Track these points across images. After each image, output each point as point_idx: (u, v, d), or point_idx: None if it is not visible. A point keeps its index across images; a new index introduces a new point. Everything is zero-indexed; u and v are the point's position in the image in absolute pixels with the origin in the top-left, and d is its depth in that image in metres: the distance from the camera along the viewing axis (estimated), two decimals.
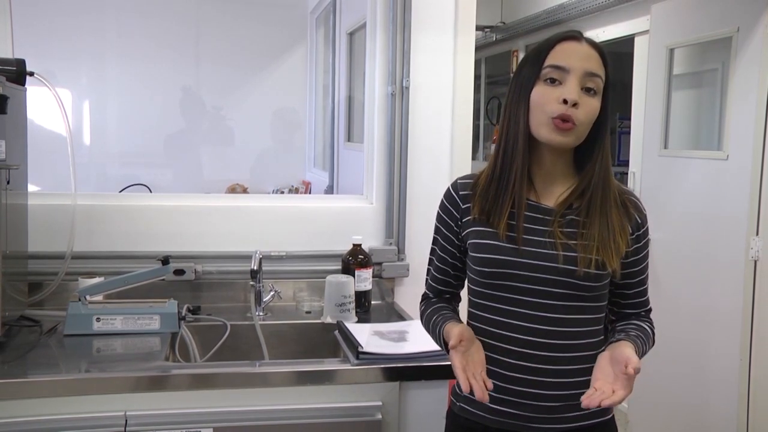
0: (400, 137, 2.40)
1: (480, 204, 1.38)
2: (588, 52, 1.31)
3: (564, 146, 1.33)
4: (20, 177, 1.95)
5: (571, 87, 1.28)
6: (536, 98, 1.31)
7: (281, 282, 2.30)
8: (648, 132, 3.38)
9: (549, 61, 1.31)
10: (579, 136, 1.32)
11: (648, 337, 1.39)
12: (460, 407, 1.43)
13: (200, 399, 1.66)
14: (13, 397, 1.58)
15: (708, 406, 2.96)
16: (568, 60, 1.30)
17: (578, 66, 1.29)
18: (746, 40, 2.76)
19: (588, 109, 1.30)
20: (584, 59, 1.30)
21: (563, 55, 1.31)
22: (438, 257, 1.49)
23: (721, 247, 2.90)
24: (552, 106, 1.29)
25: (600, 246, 1.31)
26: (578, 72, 1.29)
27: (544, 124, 1.30)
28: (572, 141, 1.32)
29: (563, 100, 1.28)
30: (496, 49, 5.16)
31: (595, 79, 1.30)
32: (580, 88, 1.29)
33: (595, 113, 1.31)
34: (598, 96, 1.32)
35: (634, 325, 1.40)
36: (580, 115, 1.28)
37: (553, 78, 1.30)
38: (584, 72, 1.29)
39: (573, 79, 1.29)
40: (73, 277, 2.13)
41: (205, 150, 4.28)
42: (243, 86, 4.24)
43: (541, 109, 1.30)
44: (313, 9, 4.28)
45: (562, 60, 1.30)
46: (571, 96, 1.27)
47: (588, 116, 1.30)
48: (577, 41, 1.32)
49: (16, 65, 1.92)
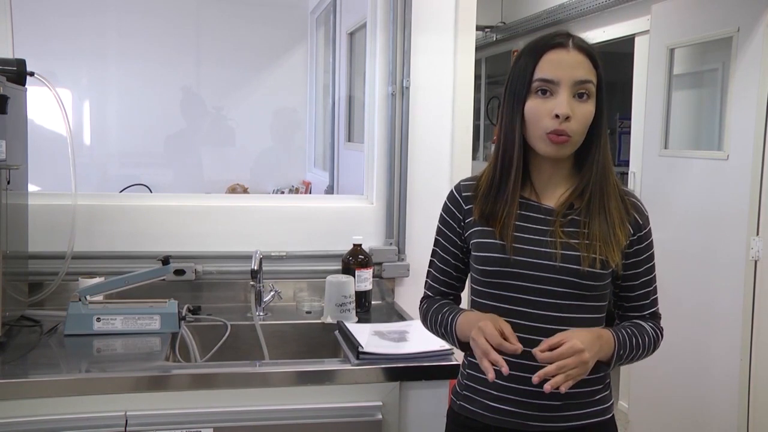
0: (400, 137, 2.40)
1: (480, 207, 1.39)
2: (575, 60, 1.30)
3: (561, 157, 1.34)
4: (21, 177, 1.95)
5: (561, 100, 1.28)
6: (530, 112, 1.32)
7: (281, 282, 2.30)
8: (648, 132, 3.38)
9: (538, 74, 1.31)
10: (575, 144, 1.32)
11: (644, 334, 1.38)
12: (460, 406, 1.43)
13: (200, 399, 1.66)
14: (14, 397, 1.58)
15: (708, 406, 2.96)
16: (556, 72, 1.29)
17: (567, 77, 1.29)
18: (746, 40, 2.75)
19: (581, 117, 1.30)
20: (572, 68, 1.30)
21: (551, 67, 1.30)
22: (440, 258, 1.49)
23: (721, 247, 2.90)
24: (545, 122, 1.29)
25: (602, 244, 1.32)
26: (567, 83, 1.29)
27: (540, 138, 1.31)
28: (569, 151, 1.33)
29: (555, 115, 1.28)
30: (497, 49, 5.16)
31: (586, 85, 1.30)
32: (571, 97, 1.29)
33: (589, 118, 1.31)
34: (591, 99, 1.31)
35: (631, 323, 1.41)
36: (573, 126, 1.29)
37: (544, 90, 1.30)
38: (573, 82, 1.29)
39: (563, 91, 1.29)
40: (74, 277, 2.13)
41: (205, 150, 4.28)
42: (243, 86, 4.24)
43: (536, 124, 1.31)
44: (314, 9, 4.28)
45: (549, 73, 1.30)
46: (562, 110, 1.28)
47: (582, 124, 1.30)
48: (564, 49, 1.31)
49: (17, 65, 1.92)
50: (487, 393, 1.38)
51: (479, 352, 1.26)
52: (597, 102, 1.32)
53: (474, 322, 1.31)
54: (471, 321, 1.33)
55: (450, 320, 1.40)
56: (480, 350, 1.26)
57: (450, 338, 1.42)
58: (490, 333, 1.24)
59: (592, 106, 1.31)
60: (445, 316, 1.42)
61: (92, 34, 4.00)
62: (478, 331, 1.27)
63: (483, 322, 1.27)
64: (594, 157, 1.34)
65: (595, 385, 1.37)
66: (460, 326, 1.37)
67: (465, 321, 1.37)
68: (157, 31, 4.06)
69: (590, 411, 1.37)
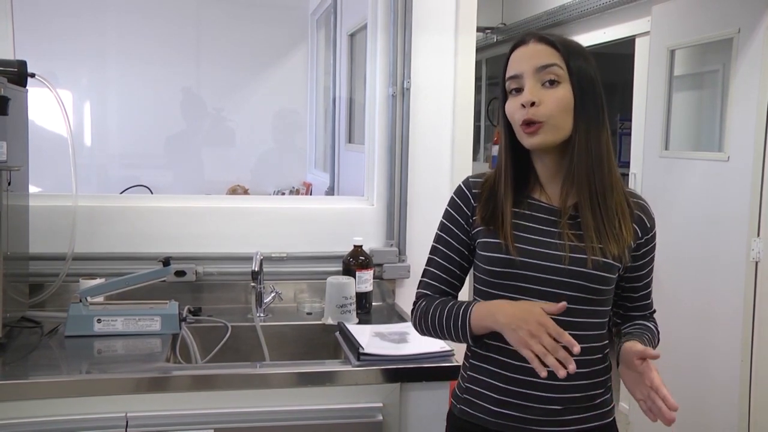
0: (400, 139, 2.41)
1: (482, 210, 1.38)
2: (534, 49, 1.32)
3: (542, 146, 1.32)
4: (21, 178, 1.95)
5: (526, 90, 1.30)
6: (508, 112, 1.35)
7: (282, 283, 2.30)
8: (649, 133, 3.38)
9: (507, 74, 1.35)
10: (555, 129, 1.30)
11: (654, 334, 1.42)
12: (461, 409, 1.42)
13: (201, 400, 1.66)
14: (14, 398, 1.58)
15: (709, 407, 2.96)
16: (518, 66, 1.32)
17: (527, 67, 1.31)
18: (747, 42, 2.75)
19: (552, 102, 1.29)
20: (531, 58, 1.31)
21: (513, 63, 1.34)
22: (443, 255, 1.44)
23: (722, 249, 2.90)
24: (517, 115, 1.31)
25: (601, 237, 1.30)
26: (529, 72, 1.30)
27: (520, 132, 1.33)
28: (549, 138, 1.30)
29: (521, 105, 1.30)
30: (497, 50, 5.16)
31: (551, 69, 1.30)
32: (540, 86, 1.30)
33: (563, 101, 1.30)
34: (563, 84, 1.30)
35: (639, 325, 1.43)
36: (543, 110, 1.29)
37: (515, 89, 1.33)
38: (534, 69, 1.30)
39: (527, 81, 1.31)
40: (74, 278, 2.13)
41: (206, 151, 4.28)
42: (244, 87, 4.24)
43: (513, 120, 1.34)
44: (314, 10, 4.29)
45: (513, 69, 1.33)
46: (525, 98, 1.29)
47: (554, 108, 1.29)
48: (525, 45, 1.34)
49: (18, 67, 1.92)
50: (489, 397, 1.37)
51: (540, 349, 1.18)
52: (574, 90, 1.30)
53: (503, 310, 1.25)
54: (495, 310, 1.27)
55: (463, 312, 1.34)
56: (541, 347, 1.18)
57: (458, 333, 1.35)
58: (554, 328, 1.19)
59: (564, 91, 1.30)
60: (456, 309, 1.35)
61: (93, 35, 4.01)
62: (538, 326, 1.19)
63: (542, 318, 1.20)
64: (574, 141, 1.31)
65: (596, 389, 1.37)
66: (477, 316, 1.31)
67: (485, 311, 1.30)
68: (158, 33, 4.06)
69: (592, 415, 1.36)
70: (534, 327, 1.20)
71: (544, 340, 1.19)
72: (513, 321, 1.23)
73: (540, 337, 1.19)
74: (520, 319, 1.22)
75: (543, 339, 1.19)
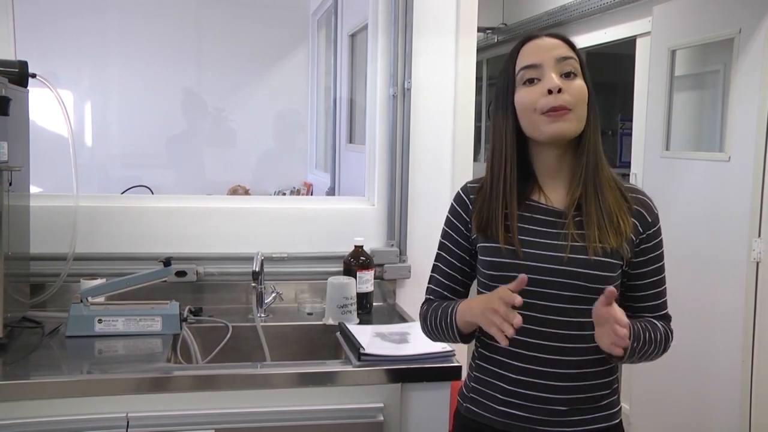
0: (401, 139, 2.41)
1: (477, 217, 1.38)
2: (552, 42, 1.33)
3: (568, 134, 1.31)
4: (22, 178, 1.95)
5: (549, 77, 1.29)
6: (522, 101, 1.32)
7: (283, 283, 2.30)
8: (650, 133, 3.38)
9: (520, 64, 1.33)
10: (578, 120, 1.31)
11: (656, 331, 1.36)
12: (467, 408, 1.43)
13: (202, 400, 1.66)
14: (15, 398, 1.58)
15: (710, 407, 2.95)
16: (536, 56, 1.31)
17: (548, 57, 1.30)
18: (748, 42, 2.75)
19: (575, 91, 1.29)
20: (551, 49, 1.31)
21: (530, 53, 1.32)
22: (445, 262, 1.46)
23: (723, 249, 2.90)
24: (540, 103, 1.29)
25: (598, 230, 1.30)
26: (550, 62, 1.30)
27: (539, 122, 1.30)
28: (572, 126, 1.30)
29: (548, 91, 1.28)
30: (498, 50, 5.15)
31: (570, 62, 1.31)
32: (559, 76, 1.29)
33: (583, 92, 1.31)
34: (579, 77, 1.31)
35: (644, 319, 1.38)
36: (568, 98, 1.28)
37: (530, 78, 1.31)
38: (556, 59, 1.30)
39: (548, 70, 1.30)
40: (75, 278, 2.13)
41: (206, 151, 4.28)
42: (245, 88, 4.25)
43: (531, 109, 1.30)
44: (315, 10, 4.29)
45: (531, 58, 1.32)
46: (553, 83, 1.28)
47: (578, 96, 1.30)
48: (539, 38, 1.34)
49: (19, 67, 1.92)
50: (495, 396, 1.37)
51: (498, 320, 1.20)
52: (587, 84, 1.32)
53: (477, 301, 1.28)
54: (472, 304, 1.31)
55: (450, 311, 1.38)
56: (499, 317, 1.20)
57: (450, 332, 1.38)
58: (506, 295, 1.19)
59: (582, 83, 1.31)
60: (446, 309, 1.39)
61: (94, 35, 4.01)
62: (498, 301, 1.20)
63: (500, 293, 1.21)
64: (588, 135, 1.33)
65: (603, 390, 1.36)
66: (460, 313, 1.35)
67: (465, 306, 1.34)
68: (159, 33, 4.07)
69: (598, 416, 1.36)
70: (495, 304, 1.21)
71: (500, 310, 1.20)
72: (482, 306, 1.25)
73: (498, 310, 1.20)
74: (485, 303, 1.25)
75: (500, 309, 1.20)
